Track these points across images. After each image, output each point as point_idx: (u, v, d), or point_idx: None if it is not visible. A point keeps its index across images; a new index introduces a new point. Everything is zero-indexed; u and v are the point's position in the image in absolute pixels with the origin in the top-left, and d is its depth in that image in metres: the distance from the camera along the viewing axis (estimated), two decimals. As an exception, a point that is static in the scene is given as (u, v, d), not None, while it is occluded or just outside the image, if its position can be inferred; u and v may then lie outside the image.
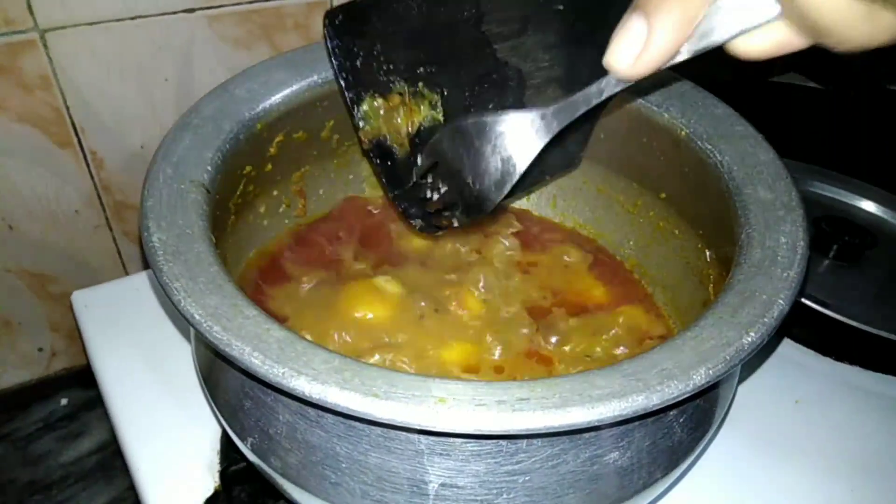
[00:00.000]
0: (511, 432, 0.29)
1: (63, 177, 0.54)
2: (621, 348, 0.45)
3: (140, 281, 0.58)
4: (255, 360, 0.29)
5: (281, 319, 0.44)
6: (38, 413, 0.64)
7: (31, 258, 0.57)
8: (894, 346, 0.52)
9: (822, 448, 0.50)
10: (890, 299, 0.57)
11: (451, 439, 0.32)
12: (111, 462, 0.60)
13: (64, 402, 0.65)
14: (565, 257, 0.52)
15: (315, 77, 0.46)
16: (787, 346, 0.56)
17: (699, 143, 0.44)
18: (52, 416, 0.64)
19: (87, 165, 0.55)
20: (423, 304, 0.45)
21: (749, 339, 0.32)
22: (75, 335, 0.62)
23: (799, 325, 0.55)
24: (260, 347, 0.30)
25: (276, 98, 0.45)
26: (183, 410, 0.49)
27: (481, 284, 0.47)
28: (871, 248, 0.59)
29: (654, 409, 0.30)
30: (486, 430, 0.28)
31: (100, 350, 0.53)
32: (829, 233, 0.59)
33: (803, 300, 0.53)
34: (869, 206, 0.66)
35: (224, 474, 0.46)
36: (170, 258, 0.33)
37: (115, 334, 0.54)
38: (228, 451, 0.46)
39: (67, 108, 0.51)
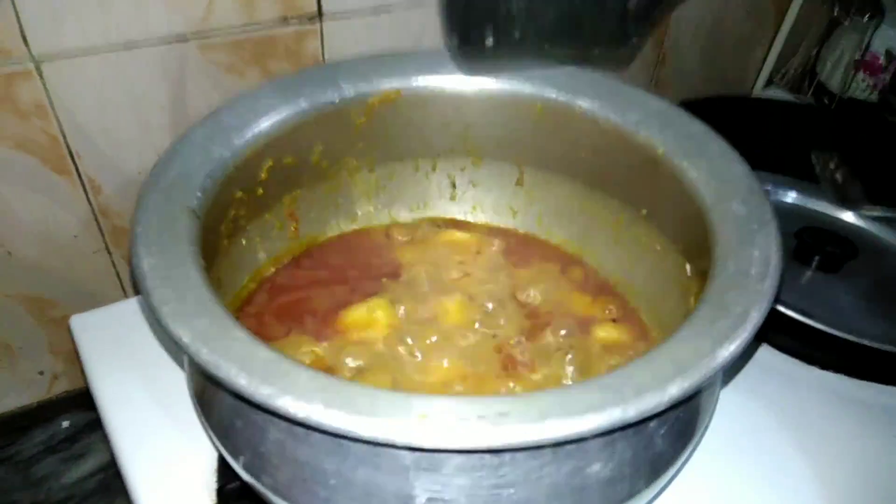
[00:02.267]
0: (491, 447, 0.30)
1: (61, 203, 0.55)
2: (606, 361, 0.46)
3: (138, 304, 0.59)
4: (242, 381, 0.30)
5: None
6: (40, 435, 0.64)
7: (31, 283, 0.58)
8: (878, 355, 0.53)
9: (808, 456, 0.50)
10: (872, 308, 0.57)
11: (436, 454, 0.33)
12: (113, 482, 0.61)
13: (66, 424, 0.65)
14: (551, 273, 0.53)
15: (303, 102, 0.47)
16: (773, 356, 0.57)
17: (675, 160, 0.44)
18: (53, 438, 0.64)
19: (85, 191, 0.56)
20: (412, 323, 0.47)
21: (724, 352, 0.33)
22: (76, 358, 0.62)
23: (783, 335, 0.56)
24: (246, 368, 0.30)
25: (265, 124, 0.46)
26: (181, 430, 0.49)
27: (467, 300, 0.48)
28: (852, 259, 0.60)
29: (632, 421, 0.30)
30: (466, 445, 0.29)
31: (99, 373, 0.53)
32: (811, 244, 0.60)
33: (787, 311, 0.53)
34: (849, 216, 0.67)
35: (221, 492, 0.46)
36: (158, 283, 0.34)
37: (113, 357, 0.54)
38: (225, 469, 0.47)
39: (64, 135, 0.52)
